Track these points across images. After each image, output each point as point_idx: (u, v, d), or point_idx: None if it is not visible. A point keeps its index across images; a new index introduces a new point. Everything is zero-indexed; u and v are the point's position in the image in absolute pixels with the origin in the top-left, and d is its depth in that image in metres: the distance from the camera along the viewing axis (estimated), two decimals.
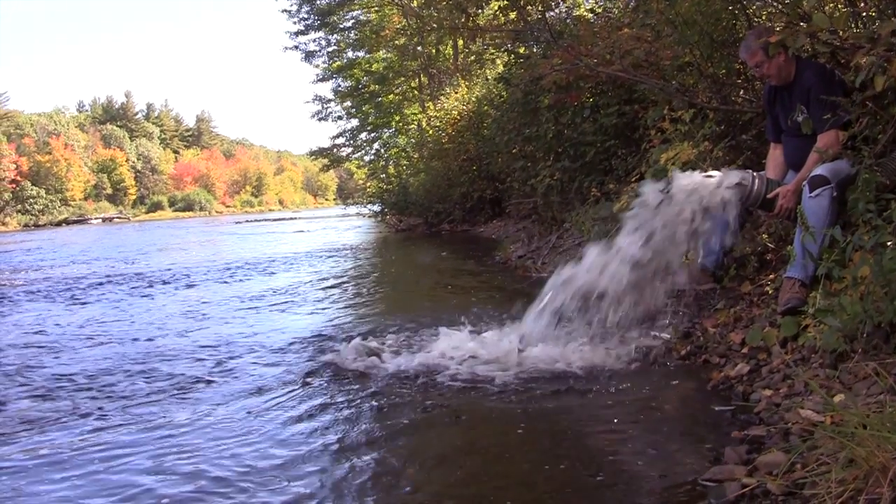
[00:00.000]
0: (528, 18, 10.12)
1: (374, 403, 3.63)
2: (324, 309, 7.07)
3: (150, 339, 5.79)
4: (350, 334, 5.21)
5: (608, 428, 3.10)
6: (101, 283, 10.27)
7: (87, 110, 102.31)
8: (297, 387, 4.01)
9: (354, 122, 35.68)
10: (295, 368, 4.44)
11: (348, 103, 34.91)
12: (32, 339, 6.08)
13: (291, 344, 5.19)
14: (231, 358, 4.90)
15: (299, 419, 3.44)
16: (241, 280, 10.15)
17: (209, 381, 4.28)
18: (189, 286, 9.62)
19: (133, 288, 9.63)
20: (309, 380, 4.14)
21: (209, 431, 3.34)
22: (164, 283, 10.10)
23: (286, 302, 7.58)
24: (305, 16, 32.21)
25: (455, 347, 4.42)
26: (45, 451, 3.20)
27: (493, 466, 2.81)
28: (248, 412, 3.61)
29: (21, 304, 8.52)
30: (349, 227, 26.89)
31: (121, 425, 3.52)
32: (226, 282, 10.04)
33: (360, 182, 36.45)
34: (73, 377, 4.57)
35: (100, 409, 3.84)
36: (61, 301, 8.57)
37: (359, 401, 3.67)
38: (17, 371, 4.85)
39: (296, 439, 3.16)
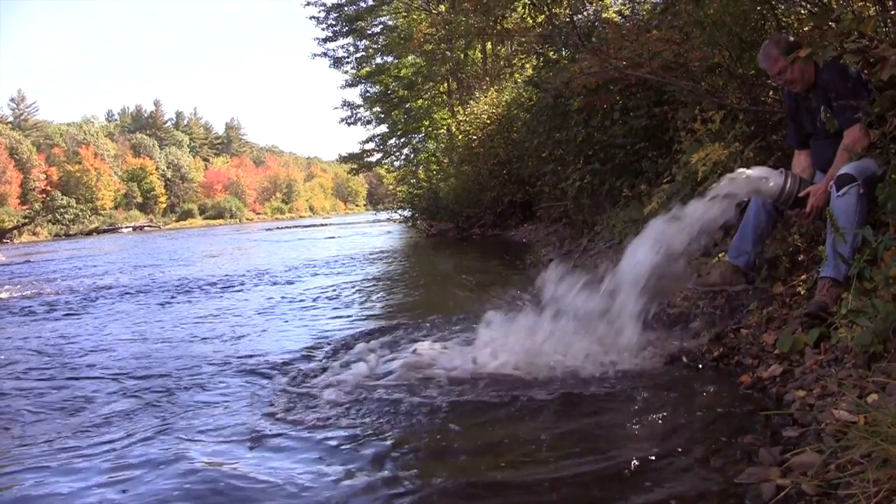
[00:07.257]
0: (556, 21, 10.11)
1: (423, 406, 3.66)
2: (371, 313, 7.25)
3: (193, 343, 5.95)
4: (398, 338, 5.29)
5: (641, 429, 3.13)
6: (148, 290, 10.56)
7: (115, 119, 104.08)
8: (319, 400, 3.93)
9: (384, 128, 35.75)
10: (324, 380, 4.33)
11: (377, 109, 34.95)
12: (71, 347, 6.24)
13: (336, 350, 5.20)
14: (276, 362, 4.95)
15: (318, 436, 3.36)
16: (285, 283, 10.49)
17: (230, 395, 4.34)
18: (236, 291, 9.92)
19: (189, 293, 9.95)
20: (341, 393, 4.02)
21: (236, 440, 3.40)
22: (204, 288, 10.29)
23: (333, 306, 7.75)
24: (333, 22, 32.40)
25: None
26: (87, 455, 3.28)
27: (521, 463, 2.86)
28: (270, 424, 3.66)
29: (74, 311, 8.74)
30: (380, 233, 27.02)
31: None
32: (271, 284, 10.48)
33: (390, 187, 36.55)
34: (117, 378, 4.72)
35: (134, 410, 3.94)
36: (100, 308, 8.77)
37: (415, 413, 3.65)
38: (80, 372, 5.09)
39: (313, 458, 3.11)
